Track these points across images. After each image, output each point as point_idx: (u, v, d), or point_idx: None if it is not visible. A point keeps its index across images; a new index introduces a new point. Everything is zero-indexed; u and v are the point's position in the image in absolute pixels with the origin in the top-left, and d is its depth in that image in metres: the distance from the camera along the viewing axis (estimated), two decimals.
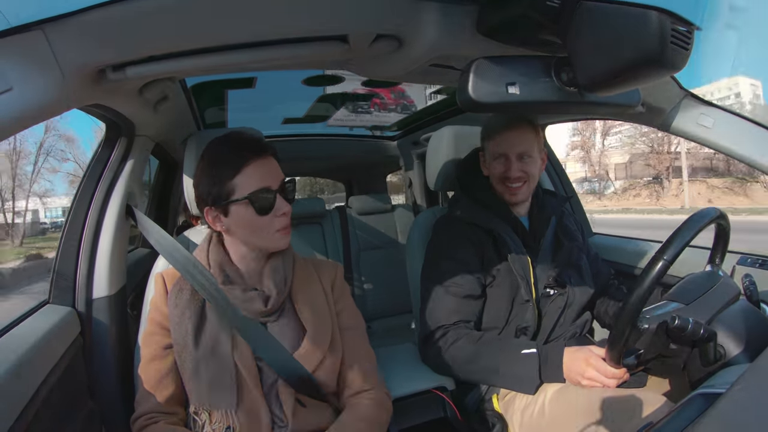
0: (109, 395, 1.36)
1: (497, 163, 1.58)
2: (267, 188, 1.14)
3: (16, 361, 0.96)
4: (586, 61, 0.78)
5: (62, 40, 0.74)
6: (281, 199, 1.16)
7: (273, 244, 1.19)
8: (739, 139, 1.13)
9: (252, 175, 1.13)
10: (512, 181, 1.55)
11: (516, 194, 1.57)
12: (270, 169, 1.17)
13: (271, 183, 1.15)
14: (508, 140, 1.55)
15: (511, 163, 1.54)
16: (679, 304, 1.18)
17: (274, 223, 1.16)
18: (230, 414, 1.11)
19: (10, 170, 23.93)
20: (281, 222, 1.17)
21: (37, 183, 24.99)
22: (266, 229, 1.16)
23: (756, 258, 1.60)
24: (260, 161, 1.15)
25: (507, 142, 1.55)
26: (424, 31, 0.97)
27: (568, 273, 1.60)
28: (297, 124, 3.15)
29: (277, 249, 1.21)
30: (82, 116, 1.55)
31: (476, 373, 1.44)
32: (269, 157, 1.18)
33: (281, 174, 1.19)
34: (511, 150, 1.54)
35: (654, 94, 1.18)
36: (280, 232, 1.18)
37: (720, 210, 1.15)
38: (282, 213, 1.16)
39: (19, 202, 24.61)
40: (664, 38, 0.67)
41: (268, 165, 1.17)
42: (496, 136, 1.57)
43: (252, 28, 0.91)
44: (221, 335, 1.15)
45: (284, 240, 1.20)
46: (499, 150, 1.57)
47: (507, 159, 1.55)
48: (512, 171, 1.54)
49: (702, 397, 0.79)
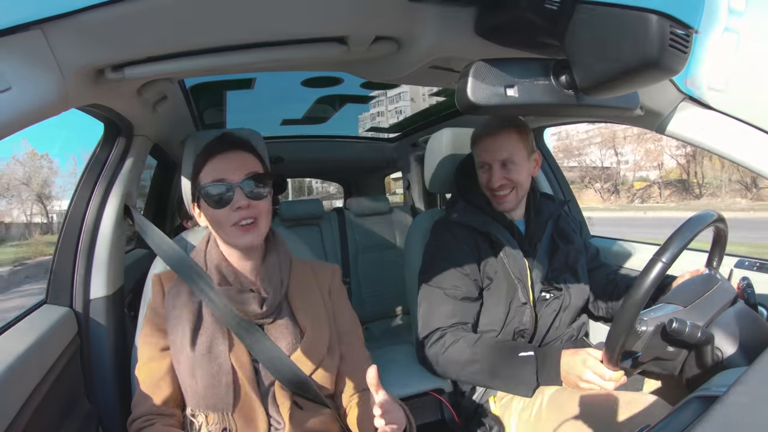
0: (106, 396, 1.36)
1: (481, 172, 1.58)
2: (221, 180, 1.13)
3: (13, 361, 0.96)
4: (584, 64, 0.78)
5: (61, 39, 0.74)
6: (240, 193, 1.13)
7: (232, 239, 1.16)
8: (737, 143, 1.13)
9: (212, 168, 1.15)
10: (497, 189, 1.54)
11: (503, 202, 1.56)
12: (232, 163, 1.15)
13: (229, 176, 1.14)
14: (489, 148, 1.54)
15: (494, 171, 1.54)
16: (676, 306, 1.18)
17: (231, 217, 1.13)
18: (227, 416, 1.11)
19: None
20: (239, 215, 1.13)
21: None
22: (224, 222, 1.15)
23: (754, 261, 1.60)
24: (225, 156, 1.16)
25: (488, 150, 1.55)
26: (423, 34, 0.97)
27: (565, 276, 1.60)
28: (295, 125, 3.15)
29: (239, 246, 1.17)
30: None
31: (473, 376, 1.44)
32: (238, 152, 1.17)
33: (249, 168, 1.16)
34: (492, 158, 1.54)
35: (652, 97, 1.18)
36: (238, 228, 1.14)
37: (718, 213, 1.15)
38: (238, 206, 1.12)
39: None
40: (663, 41, 0.67)
41: (233, 159, 1.16)
42: (479, 144, 1.57)
43: (251, 29, 0.91)
44: (218, 337, 1.15)
45: (244, 237, 1.14)
46: (482, 158, 1.57)
47: (490, 167, 1.55)
48: (494, 180, 1.54)
49: (699, 399, 0.79)
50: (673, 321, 1.04)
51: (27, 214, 25.27)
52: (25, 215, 25.20)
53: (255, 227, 1.15)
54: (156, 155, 2.35)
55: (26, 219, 25.05)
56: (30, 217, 25.27)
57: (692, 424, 0.65)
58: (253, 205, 1.14)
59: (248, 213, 1.14)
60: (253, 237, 1.15)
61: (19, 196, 25.09)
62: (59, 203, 24.95)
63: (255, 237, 1.16)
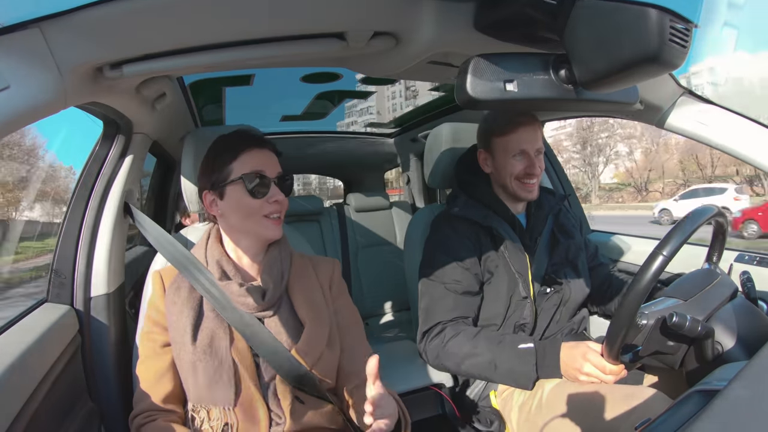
0: (108, 394, 1.36)
1: (516, 161, 1.55)
2: (261, 173, 1.18)
3: (15, 360, 0.96)
4: (584, 58, 0.78)
5: (59, 38, 0.74)
6: (275, 188, 1.19)
7: (263, 230, 1.20)
8: (736, 137, 1.13)
9: (249, 160, 1.19)
10: (532, 177, 1.55)
11: (532, 191, 1.56)
12: (267, 159, 1.21)
13: (267, 170, 1.19)
14: (528, 137, 1.54)
15: (532, 159, 1.54)
16: (677, 300, 1.18)
17: (264, 208, 1.18)
18: (228, 411, 1.11)
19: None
20: (273, 208, 1.18)
21: None
22: (257, 213, 1.18)
23: (754, 255, 1.60)
24: (259, 151, 1.20)
25: (527, 140, 1.54)
26: (422, 29, 0.97)
27: (565, 270, 1.61)
28: (295, 121, 3.14)
29: (267, 238, 1.22)
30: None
31: (473, 369, 1.44)
32: (268, 151, 1.22)
33: (279, 168, 1.22)
34: (530, 146, 1.54)
35: (652, 92, 1.18)
36: (271, 220, 1.19)
37: (718, 207, 1.15)
38: (274, 200, 1.18)
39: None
40: (663, 35, 0.67)
41: (266, 155, 1.21)
42: (511, 133, 1.55)
43: (249, 25, 0.90)
44: (219, 331, 1.15)
45: (274, 229, 1.21)
46: (519, 146, 1.55)
47: (527, 155, 1.55)
48: (535, 167, 1.54)
49: (700, 393, 0.79)
50: (673, 315, 1.04)
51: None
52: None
53: (281, 222, 1.22)
54: (155, 153, 2.34)
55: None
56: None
57: (693, 418, 0.65)
58: (283, 201, 1.20)
59: (280, 207, 1.20)
60: (278, 230, 1.22)
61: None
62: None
63: (279, 231, 1.22)
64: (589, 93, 0.85)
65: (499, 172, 1.59)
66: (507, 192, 1.60)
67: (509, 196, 1.61)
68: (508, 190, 1.59)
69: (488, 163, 1.62)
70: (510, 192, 1.59)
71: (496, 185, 1.63)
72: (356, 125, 3.44)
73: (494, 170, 1.61)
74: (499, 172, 1.59)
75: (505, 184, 1.59)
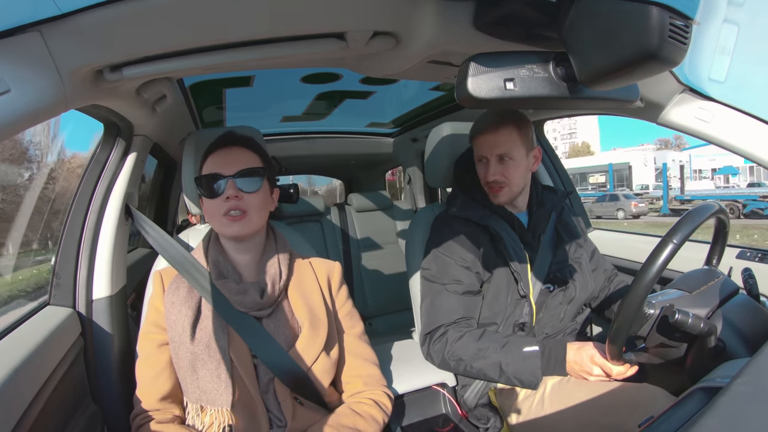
0: (111, 396, 1.36)
1: (479, 166, 1.58)
2: (216, 174, 1.18)
3: (17, 363, 0.96)
4: (584, 56, 0.78)
5: (59, 41, 0.74)
6: (230, 185, 1.17)
7: (224, 229, 1.19)
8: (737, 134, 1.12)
9: (210, 162, 1.21)
10: (491, 183, 1.55)
11: (497, 195, 1.56)
12: (229, 157, 1.20)
13: (223, 170, 1.18)
14: (487, 142, 1.54)
15: (490, 165, 1.54)
16: (682, 292, 1.18)
17: (221, 207, 1.17)
18: (227, 411, 1.11)
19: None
20: (228, 205, 1.17)
21: None
22: (215, 213, 1.18)
23: (755, 252, 1.60)
24: (223, 151, 1.21)
25: (486, 145, 1.54)
26: (422, 28, 0.97)
27: (569, 269, 1.60)
28: (295, 122, 3.14)
29: (230, 236, 1.21)
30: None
31: (479, 372, 1.44)
32: (236, 148, 1.22)
33: (242, 164, 1.19)
34: (490, 152, 1.53)
35: (652, 89, 1.18)
36: (230, 217, 1.17)
37: (720, 205, 1.15)
38: (227, 197, 1.16)
39: None
40: (663, 33, 0.66)
41: (229, 155, 1.21)
42: (477, 138, 1.57)
43: (249, 26, 0.90)
44: (217, 331, 1.15)
45: (232, 226, 1.18)
46: (479, 152, 1.56)
47: (487, 161, 1.55)
48: (489, 174, 1.54)
49: (702, 390, 0.79)
50: (676, 313, 1.04)
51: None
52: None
53: (243, 218, 1.18)
54: (156, 154, 2.35)
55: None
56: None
57: (696, 415, 0.65)
58: (243, 197, 1.17)
59: (237, 204, 1.17)
60: (240, 227, 1.18)
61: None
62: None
63: (242, 227, 1.18)
64: (589, 90, 0.85)
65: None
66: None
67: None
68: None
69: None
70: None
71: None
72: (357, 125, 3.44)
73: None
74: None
75: (483, 186, 1.60)
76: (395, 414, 1.38)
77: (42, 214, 2.21)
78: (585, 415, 1.26)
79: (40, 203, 2.28)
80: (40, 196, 2.41)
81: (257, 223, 1.21)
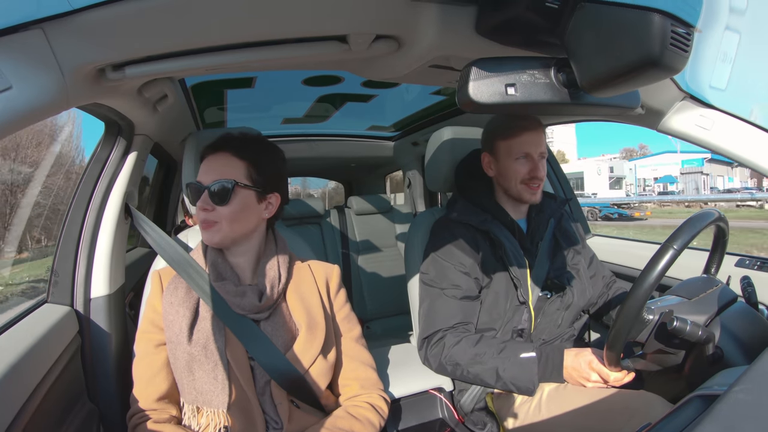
0: (107, 395, 1.36)
1: (519, 164, 1.55)
2: (196, 182, 1.19)
3: (14, 360, 0.96)
4: (585, 62, 0.78)
5: (62, 39, 0.74)
6: (205, 195, 1.18)
7: (203, 234, 1.21)
8: (738, 142, 1.13)
9: (200, 168, 1.22)
10: (537, 180, 1.54)
11: (536, 193, 1.56)
12: (211, 166, 1.20)
13: (204, 178, 1.19)
14: (532, 140, 1.54)
15: (536, 162, 1.54)
16: (682, 298, 1.18)
17: (199, 215, 1.19)
18: (223, 412, 1.11)
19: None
20: (201, 215, 1.19)
21: None
22: (197, 219, 1.21)
23: (754, 260, 1.60)
24: (212, 157, 1.21)
25: (532, 142, 1.54)
26: (424, 32, 0.97)
27: (567, 275, 1.60)
28: (296, 124, 3.14)
29: (207, 242, 1.22)
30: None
31: (476, 377, 1.44)
32: (222, 154, 1.21)
33: (220, 174, 1.19)
34: (535, 149, 1.54)
35: (653, 96, 1.18)
36: (201, 225, 1.20)
37: (719, 212, 1.15)
38: (199, 207, 1.18)
39: None
40: (664, 40, 0.66)
41: (213, 162, 1.21)
42: (520, 135, 1.55)
43: (251, 28, 0.90)
44: (215, 332, 1.15)
45: (204, 234, 1.20)
46: (523, 149, 1.54)
47: (531, 159, 1.54)
48: (539, 170, 1.53)
49: (700, 398, 0.79)
50: (674, 320, 1.04)
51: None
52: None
53: (213, 226, 1.18)
54: (157, 154, 2.35)
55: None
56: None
57: (693, 423, 0.65)
58: (215, 208, 1.18)
59: (205, 216, 1.18)
60: (210, 235, 1.19)
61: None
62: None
63: (211, 236, 1.19)
64: (590, 97, 0.85)
65: (503, 175, 1.58)
66: (509, 195, 1.59)
67: (511, 200, 1.60)
68: (511, 193, 1.58)
69: (492, 167, 1.61)
70: (513, 195, 1.58)
71: (499, 189, 1.62)
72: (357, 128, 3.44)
73: (498, 173, 1.60)
74: (502, 175, 1.58)
75: (508, 187, 1.58)
76: (392, 418, 1.37)
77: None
78: (581, 422, 1.26)
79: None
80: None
81: (232, 233, 1.20)
